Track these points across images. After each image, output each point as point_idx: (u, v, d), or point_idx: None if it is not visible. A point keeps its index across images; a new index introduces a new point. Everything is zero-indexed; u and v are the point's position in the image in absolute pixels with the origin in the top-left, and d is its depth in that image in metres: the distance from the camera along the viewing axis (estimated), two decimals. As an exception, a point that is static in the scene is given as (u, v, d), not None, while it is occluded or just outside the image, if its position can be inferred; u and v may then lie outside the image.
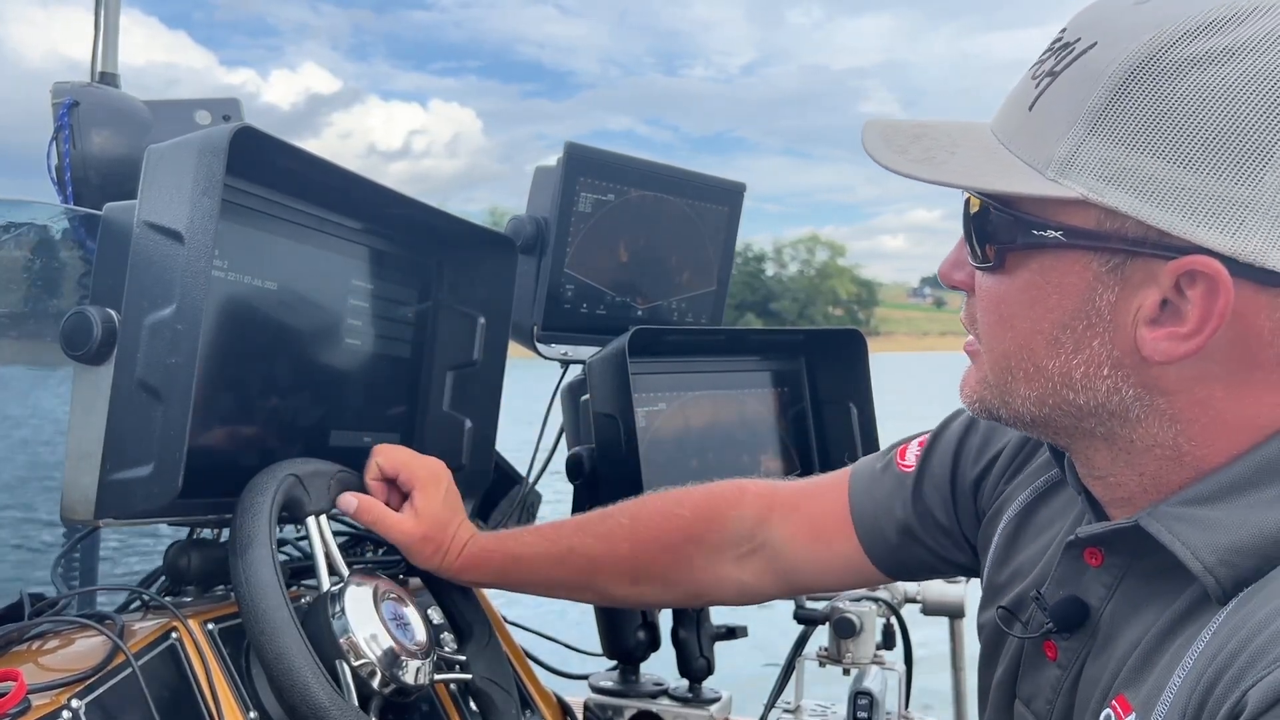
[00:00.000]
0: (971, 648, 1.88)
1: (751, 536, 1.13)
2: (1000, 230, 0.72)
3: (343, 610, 0.99)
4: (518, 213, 1.48)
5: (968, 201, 0.75)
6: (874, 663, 1.62)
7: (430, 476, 1.15)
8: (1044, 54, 0.73)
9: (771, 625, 1.98)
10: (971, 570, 1.03)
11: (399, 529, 1.12)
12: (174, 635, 0.95)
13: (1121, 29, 0.67)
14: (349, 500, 1.11)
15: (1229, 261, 0.64)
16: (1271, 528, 0.67)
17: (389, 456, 1.15)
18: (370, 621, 1.00)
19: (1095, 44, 0.68)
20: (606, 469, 1.40)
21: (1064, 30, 0.72)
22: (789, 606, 1.63)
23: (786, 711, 1.64)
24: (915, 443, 1.06)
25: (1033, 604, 0.84)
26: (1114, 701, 0.73)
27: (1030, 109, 0.70)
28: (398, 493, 1.16)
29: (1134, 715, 0.71)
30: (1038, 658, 0.84)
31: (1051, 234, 0.69)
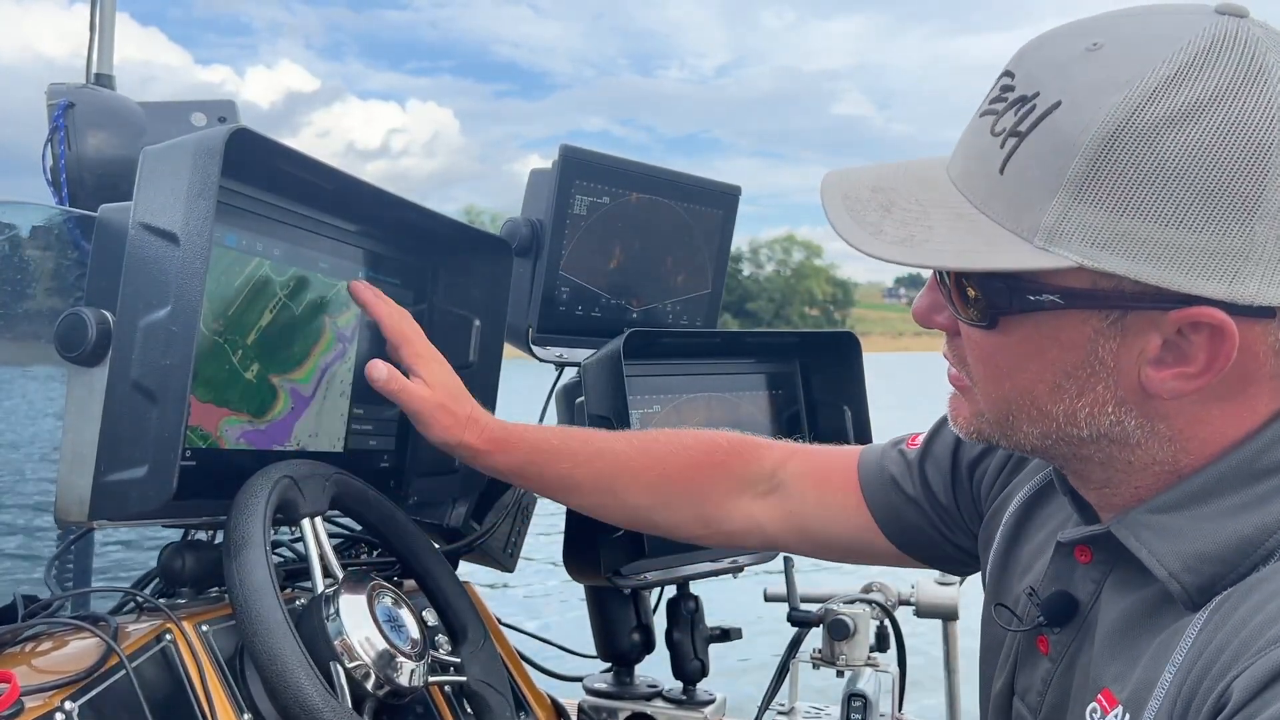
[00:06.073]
0: (965, 650, 1.89)
1: (771, 475, 1.17)
2: (993, 297, 0.72)
3: (337, 612, 0.99)
4: (494, 212, 1.49)
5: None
6: (868, 665, 1.63)
7: (431, 352, 1.19)
8: (995, 102, 0.71)
9: (766, 628, 1.98)
10: (971, 554, 1.04)
11: (418, 394, 1.14)
12: (168, 637, 0.95)
13: (1084, 87, 0.67)
14: (379, 367, 1.14)
15: (1228, 306, 0.66)
16: (1233, 537, 0.69)
17: (394, 323, 1.18)
18: (365, 623, 1.00)
19: (1059, 104, 0.67)
20: (601, 471, 1.40)
21: (1012, 76, 0.71)
22: (783, 609, 1.63)
23: (780, 714, 1.65)
24: (926, 431, 1.09)
25: (1027, 599, 0.86)
26: (1100, 695, 0.75)
27: (1001, 173, 0.69)
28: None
29: (1120, 708, 0.73)
30: (1032, 653, 0.86)
31: (1048, 298, 0.70)
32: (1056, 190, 0.66)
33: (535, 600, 6.36)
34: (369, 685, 0.98)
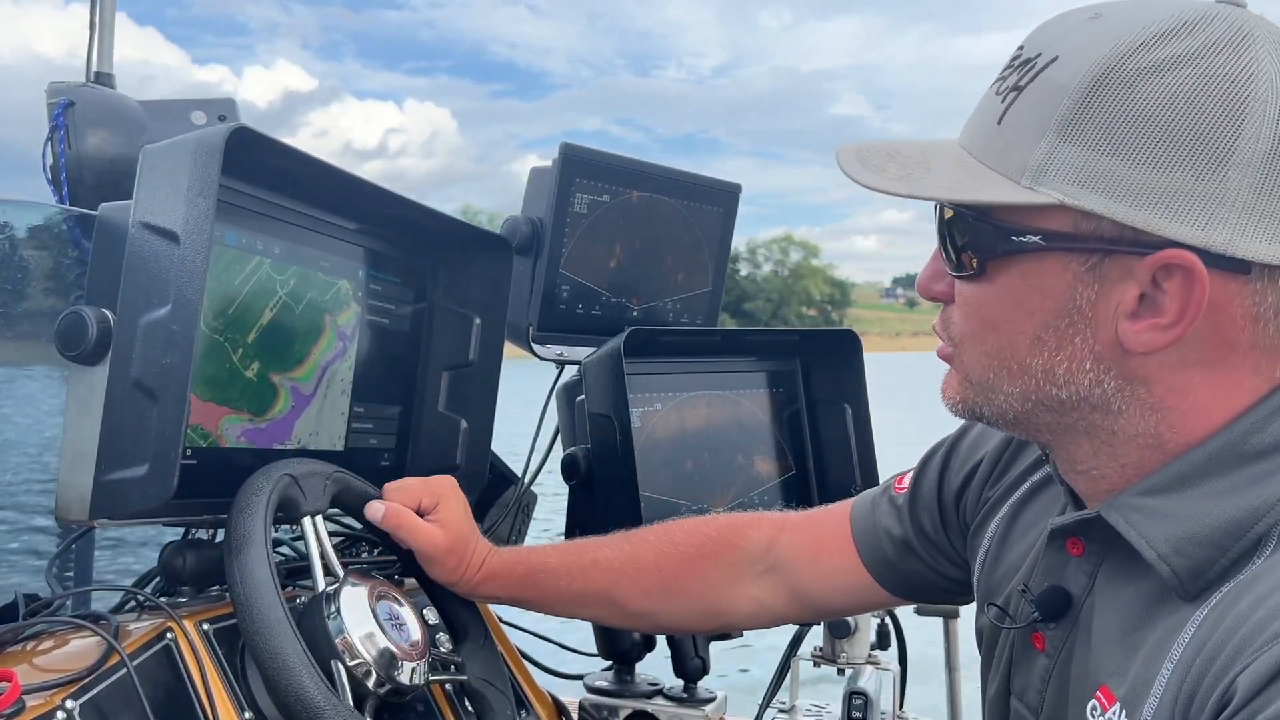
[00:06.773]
0: (966, 647, 1.88)
1: (765, 555, 1.17)
2: (980, 239, 0.75)
3: (338, 610, 0.99)
4: (491, 212, 1.49)
5: (944, 215, 0.77)
6: (869, 662, 1.63)
7: (451, 489, 1.17)
8: (1005, 70, 0.76)
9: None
10: (964, 585, 1.05)
11: (428, 539, 1.12)
12: (169, 635, 0.95)
13: (1080, 43, 0.71)
14: (376, 508, 1.11)
15: (1202, 253, 0.67)
16: (1221, 519, 0.70)
17: (406, 491, 1.14)
18: (366, 622, 1.00)
19: (1056, 58, 0.71)
20: (602, 469, 1.40)
21: (1022, 48, 0.75)
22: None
23: (781, 711, 1.65)
24: (911, 471, 1.11)
25: (1020, 597, 0.86)
26: (1098, 692, 0.75)
27: (999, 123, 0.73)
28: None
29: (1118, 705, 0.73)
30: (1028, 650, 0.86)
31: (1030, 239, 0.72)
32: (1045, 133, 0.70)
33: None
34: (370, 683, 0.98)
